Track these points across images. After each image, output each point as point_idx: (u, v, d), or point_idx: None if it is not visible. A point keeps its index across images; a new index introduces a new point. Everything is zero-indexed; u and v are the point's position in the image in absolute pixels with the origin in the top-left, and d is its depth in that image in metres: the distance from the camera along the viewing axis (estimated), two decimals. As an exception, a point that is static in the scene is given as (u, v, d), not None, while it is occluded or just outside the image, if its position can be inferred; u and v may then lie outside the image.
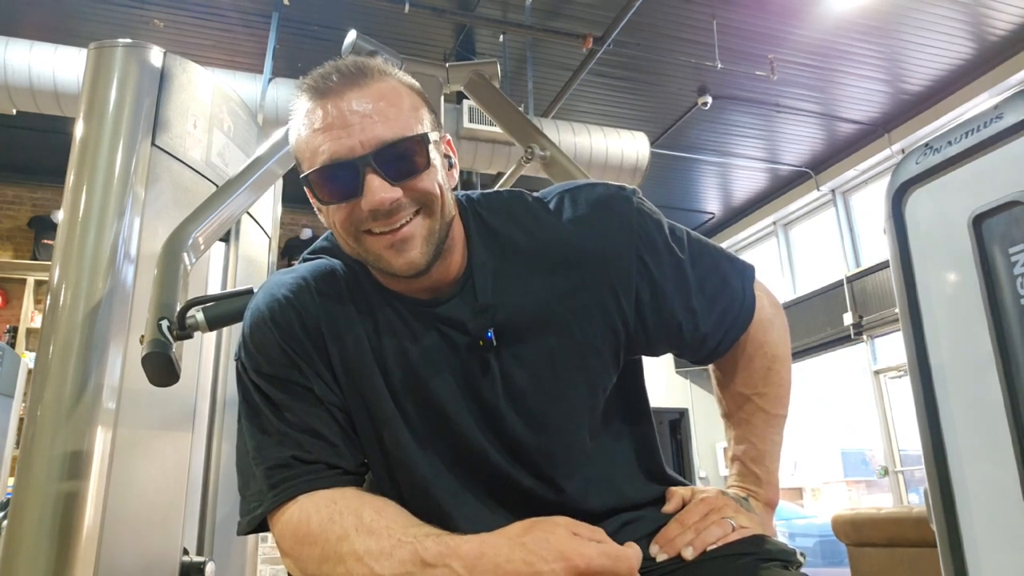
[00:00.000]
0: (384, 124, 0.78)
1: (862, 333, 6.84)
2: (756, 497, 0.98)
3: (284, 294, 0.86)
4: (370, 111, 0.78)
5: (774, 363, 0.99)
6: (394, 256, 0.80)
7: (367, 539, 0.73)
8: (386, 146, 0.77)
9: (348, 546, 0.73)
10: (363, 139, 0.77)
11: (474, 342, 0.85)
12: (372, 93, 0.79)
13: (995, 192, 0.86)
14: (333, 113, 0.78)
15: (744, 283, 0.97)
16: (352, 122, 0.77)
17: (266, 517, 0.82)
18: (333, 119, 0.78)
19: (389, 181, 0.77)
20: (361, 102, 0.78)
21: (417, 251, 0.80)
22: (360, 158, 0.77)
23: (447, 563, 0.70)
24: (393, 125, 0.78)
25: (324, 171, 0.78)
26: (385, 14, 4.91)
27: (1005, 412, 0.84)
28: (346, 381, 0.85)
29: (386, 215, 0.78)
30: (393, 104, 0.80)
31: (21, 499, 1.41)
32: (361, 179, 0.77)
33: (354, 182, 0.77)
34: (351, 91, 0.79)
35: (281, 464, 0.81)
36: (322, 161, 0.78)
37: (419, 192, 0.79)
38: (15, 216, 6.64)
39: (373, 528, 0.74)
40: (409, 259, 0.80)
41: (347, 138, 0.77)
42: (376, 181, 0.77)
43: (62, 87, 4.42)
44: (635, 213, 0.90)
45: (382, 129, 0.78)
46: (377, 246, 0.80)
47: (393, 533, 0.73)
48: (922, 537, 3.17)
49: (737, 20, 5.14)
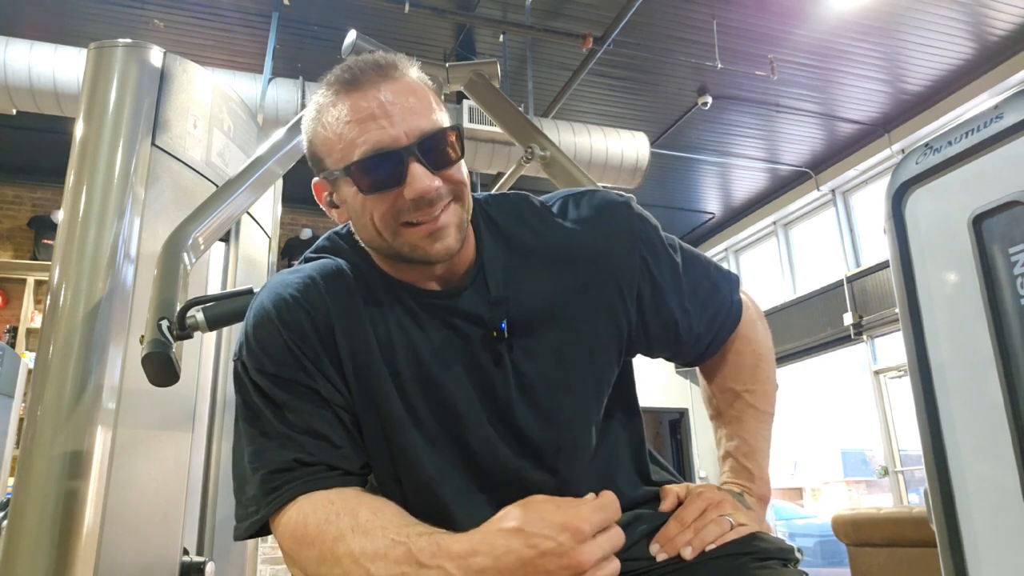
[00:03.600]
0: (422, 115, 0.80)
1: (862, 333, 6.84)
2: (750, 492, 0.99)
3: (291, 293, 0.86)
4: (408, 103, 0.80)
5: (760, 361, 1.04)
6: (431, 244, 0.82)
7: (362, 540, 0.73)
8: (427, 136, 0.79)
9: (344, 547, 0.73)
10: (407, 129, 0.79)
11: (488, 334, 0.86)
12: (404, 86, 0.81)
13: (995, 192, 0.86)
14: (373, 104, 0.79)
15: (731, 288, 1.02)
16: (393, 112, 0.79)
17: (267, 521, 0.81)
18: (374, 109, 0.79)
19: (431, 170, 0.79)
20: (398, 94, 0.80)
21: (452, 238, 0.82)
22: (405, 148, 0.79)
23: (440, 564, 0.69)
24: (430, 117, 0.81)
25: (368, 161, 0.79)
26: (385, 14, 4.91)
27: (1005, 412, 0.84)
28: (355, 381, 0.85)
29: (428, 204, 0.80)
30: (423, 97, 0.82)
31: (21, 499, 1.41)
32: (405, 168, 0.78)
33: (398, 171, 0.79)
34: (386, 83, 0.80)
35: (282, 468, 0.81)
36: (363, 152, 0.79)
37: (454, 182, 0.82)
38: (15, 216, 6.64)
39: (368, 528, 0.74)
40: (446, 244, 0.82)
41: (391, 127, 0.79)
42: (420, 170, 0.79)
43: (62, 87, 4.42)
44: (636, 217, 0.95)
45: (421, 120, 0.80)
46: (416, 236, 0.81)
47: (387, 533, 0.73)
48: (922, 537, 3.17)
49: (737, 20, 5.14)
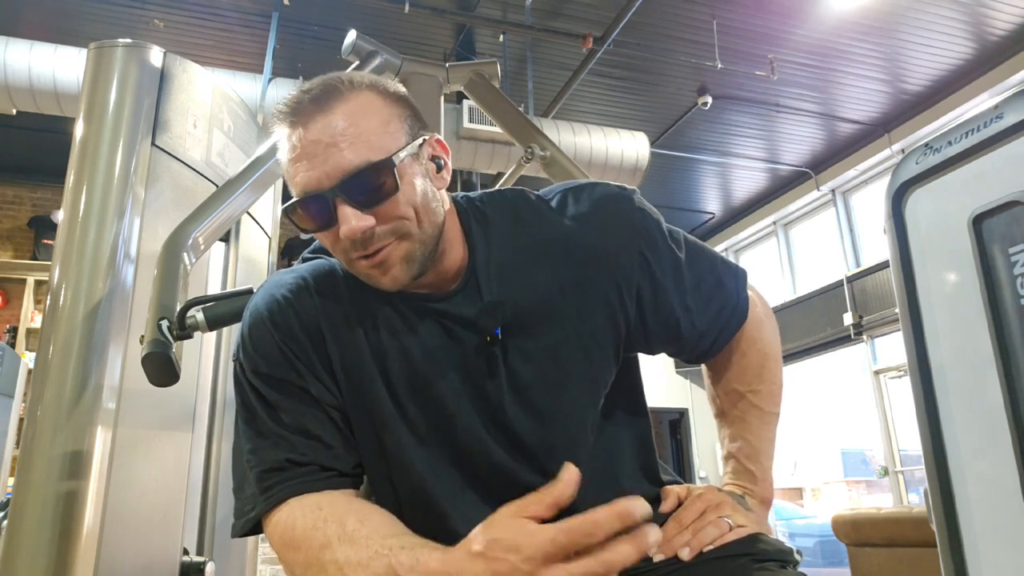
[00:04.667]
0: (350, 150, 0.77)
1: (862, 333, 6.84)
2: (751, 495, 0.98)
3: (283, 294, 0.86)
4: (334, 138, 0.77)
5: (767, 360, 1.01)
6: (380, 276, 0.81)
7: (347, 549, 0.73)
8: (350, 176, 0.76)
9: (330, 555, 0.73)
10: (328, 171, 0.77)
11: (481, 338, 0.85)
12: (339, 115, 0.78)
13: (995, 192, 0.86)
14: (300, 143, 0.78)
15: (738, 284, 0.99)
16: (316, 152, 0.77)
17: (260, 520, 0.82)
18: (301, 150, 0.78)
19: (360, 209, 0.77)
20: (326, 129, 0.77)
21: (398, 270, 0.81)
22: (329, 190, 0.77)
23: None
24: (359, 150, 0.77)
25: (300, 203, 0.79)
26: (385, 14, 4.91)
27: (1005, 412, 0.84)
28: (345, 382, 0.85)
29: (362, 244, 0.78)
30: (359, 124, 0.78)
31: (21, 499, 1.41)
32: (333, 210, 0.77)
33: (328, 212, 0.78)
34: (317, 116, 0.78)
35: (275, 467, 0.81)
36: (297, 193, 0.79)
37: (391, 219, 0.79)
38: (15, 216, 6.64)
39: (354, 537, 0.74)
40: (393, 276, 0.81)
41: (313, 170, 0.77)
42: (348, 211, 0.77)
43: (62, 87, 4.42)
44: (637, 212, 0.92)
45: (348, 156, 0.76)
46: (365, 268, 0.81)
47: (372, 544, 0.72)
48: (922, 537, 3.17)
49: (737, 20, 5.14)
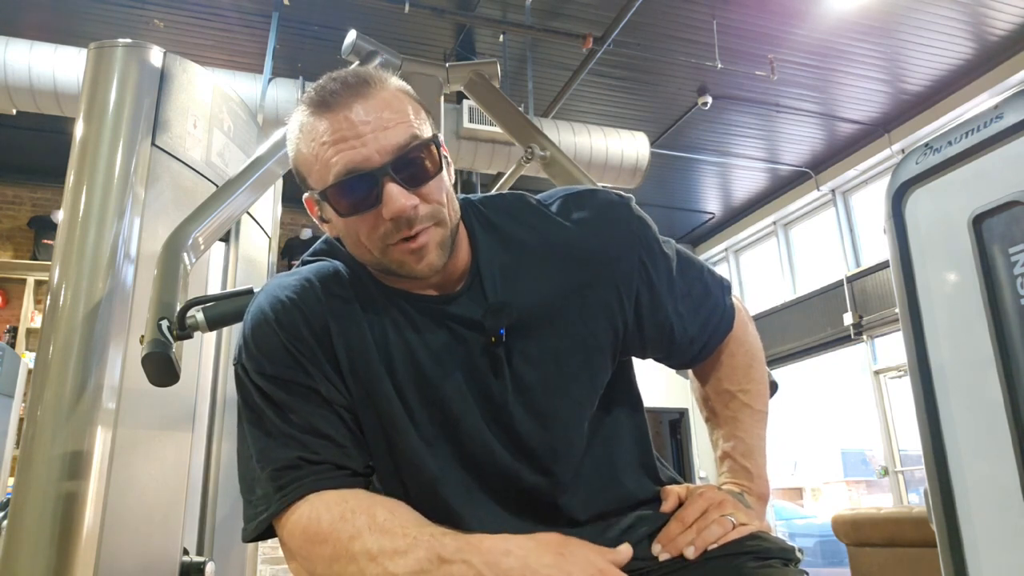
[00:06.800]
0: (396, 130, 0.79)
1: (862, 333, 6.84)
2: (749, 492, 0.99)
3: (288, 295, 0.86)
4: (380, 118, 0.79)
5: (753, 361, 1.05)
6: (416, 261, 0.81)
7: (381, 538, 0.73)
8: (401, 153, 0.78)
9: (360, 545, 0.73)
10: (379, 148, 0.78)
11: (486, 339, 0.86)
12: (377, 102, 0.80)
13: (995, 192, 0.86)
14: (343, 125, 0.78)
15: (723, 293, 1.03)
16: (364, 131, 0.78)
17: (273, 521, 0.81)
18: (345, 130, 0.78)
19: (407, 188, 0.78)
20: (369, 111, 0.79)
21: (434, 255, 0.82)
22: (379, 168, 0.77)
23: (465, 558, 0.71)
24: (405, 130, 0.79)
25: (343, 184, 0.78)
26: (385, 14, 4.91)
27: (1005, 412, 0.84)
28: (352, 381, 0.85)
29: (407, 223, 0.79)
30: (398, 111, 0.80)
31: (21, 499, 1.41)
32: (380, 188, 0.78)
33: (373, 192, 0.78)
34: (357, 101, 0.79)
35: (288, 465, 0.81)
36: (337, 173, 0.78)
37: (431, 201, 0.81)
38: (15, 216, 6.64)
39: (387, 527, 0.74)
40: (429, 262, 0.82)
41: (362, 147, 0.78)
42: (396, 189, 0.78)
43: (62, 87, 4.42)
44: (635, 219, 0.95)
45: (397, 133, 0.79)
46: (400, 254, 0.81)
47: (408, 532, 0.74)
48: (922, 537, 3.17)
49: (737, 20, 5.14)
